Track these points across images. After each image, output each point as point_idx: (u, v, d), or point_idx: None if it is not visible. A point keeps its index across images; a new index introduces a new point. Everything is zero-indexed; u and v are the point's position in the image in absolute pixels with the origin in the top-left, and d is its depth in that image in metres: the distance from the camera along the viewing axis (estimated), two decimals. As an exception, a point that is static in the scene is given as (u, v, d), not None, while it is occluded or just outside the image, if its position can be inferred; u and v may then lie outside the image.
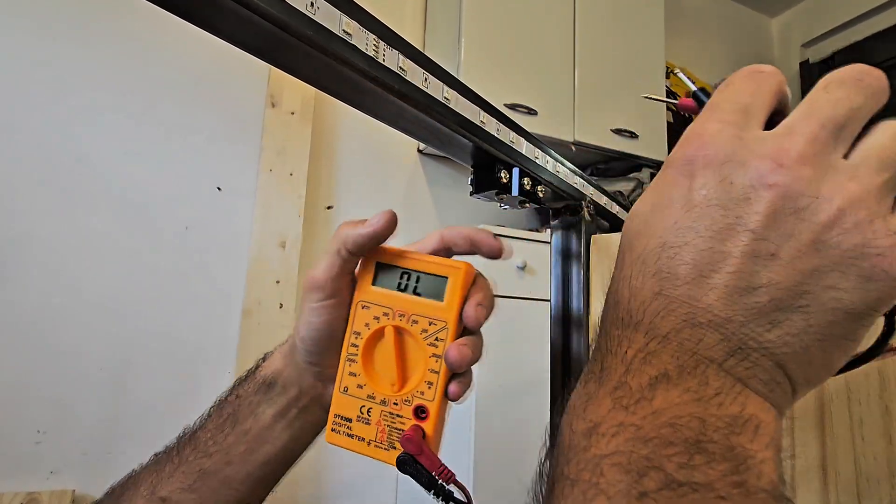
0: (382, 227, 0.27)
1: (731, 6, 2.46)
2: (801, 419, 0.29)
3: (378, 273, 0.29)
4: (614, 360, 0.19)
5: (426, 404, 0.27)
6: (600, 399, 0.18)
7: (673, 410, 0.17)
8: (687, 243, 0.18)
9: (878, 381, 0.26)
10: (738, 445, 0.16)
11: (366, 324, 0.29)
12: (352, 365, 0.29)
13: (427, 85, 0.28)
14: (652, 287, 0.19)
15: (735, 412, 0.17)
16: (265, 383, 0.31)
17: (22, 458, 1.07)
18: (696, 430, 0.16)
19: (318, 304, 0.28)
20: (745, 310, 0.17)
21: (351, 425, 0.28)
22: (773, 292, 0.17)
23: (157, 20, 1.25)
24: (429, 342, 0.28)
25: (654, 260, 0.19)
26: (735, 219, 0.18)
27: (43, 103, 1.16)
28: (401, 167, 1.62)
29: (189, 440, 0.31)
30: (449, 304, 0.28)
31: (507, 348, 1.18)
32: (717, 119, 0.20)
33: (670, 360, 0.18)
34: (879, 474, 0.26)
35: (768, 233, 0.17)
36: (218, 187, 1.32)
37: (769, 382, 0.18)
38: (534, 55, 1.54)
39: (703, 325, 0.18)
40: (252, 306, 1.29)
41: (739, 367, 0.17)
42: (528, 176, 0.36)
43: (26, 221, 1.12)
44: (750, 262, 0.18)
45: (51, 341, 1.11)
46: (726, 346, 0.17)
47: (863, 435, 0.27)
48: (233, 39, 0.23)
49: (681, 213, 0.19)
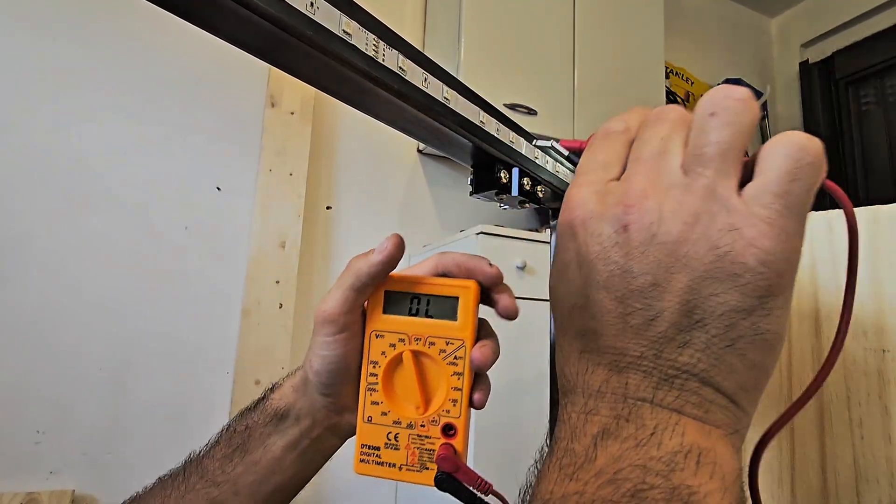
0: (393, 253, 0.28)
1: (731, 6, 2.46)
2: (800, 420, 0.29)
3: (387, 301, 0.30)
4: (562, 428, 0.20)
5: (453, 421, 0.28)
6: (549, 473, 0.19)
7: (614, 466, 0.17)
8: (588, 300, 0.20)
9: (878, 382, 0.26)
10: (680, 484, 0.16)
11: (382, 352, 0.29)
12: (373, 394, 0.29)
13: (427, 85, 0.28)
14: (576, 348, 0.21)
15: (675, 447, 0.17)
16: (276, 415, 0.31)
17: (21, 458, 1.07)
18: (636, 480, 0.16)
19: (332, 337, 0.29)
20: (652, 342, 0.19)
21: (380, 453, 0.29)
22: (667, 317, 0.18)
23: (156, 20, 1.25)
24: (448, 361, 0.29)
25: (570, 324, 0.21)
26: (614, 265, 0.20)
27: (42, 103, 1.16)
28: (400, 167, 1.62)
29: (196, 468, 0.31)
30: (463, 322, 0.29)
31: (507, 348, 1.18)
32: (581, 182, 0.22)
33: (608, 413, 0.19)
34: (879, 474, 0.26)
35: (642, 266, 0.19)
36: (217, 187, 1.32)
37: (702, 403, 0.18)
38: (533, 55, 1.54)
39: (625, 368, 0.19)
40: (251, 306, 1.28)
41: (669, 398, 0.18)
42: (528, 176, 0.36)
43: (26, 221, 1.12)
44: (640, 298, 0.19)
45: (50, 341, 1.11)
46: (650, 381, 0.18)
47: (862, 435, 0.27)
48: (232, 39, 0.23)
49: (575, 273, 0.21)
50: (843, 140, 2.30)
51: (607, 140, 0.23)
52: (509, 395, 1.14)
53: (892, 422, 0.26)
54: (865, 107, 2.27)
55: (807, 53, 2.44)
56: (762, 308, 0.18)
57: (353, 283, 0.28)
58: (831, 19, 2.31)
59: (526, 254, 1.26)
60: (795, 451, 0.29)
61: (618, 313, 0.19)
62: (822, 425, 0.28)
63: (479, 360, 0.28)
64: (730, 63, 2.38)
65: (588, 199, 0.21)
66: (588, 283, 0.20)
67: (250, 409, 0.32)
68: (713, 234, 0.18)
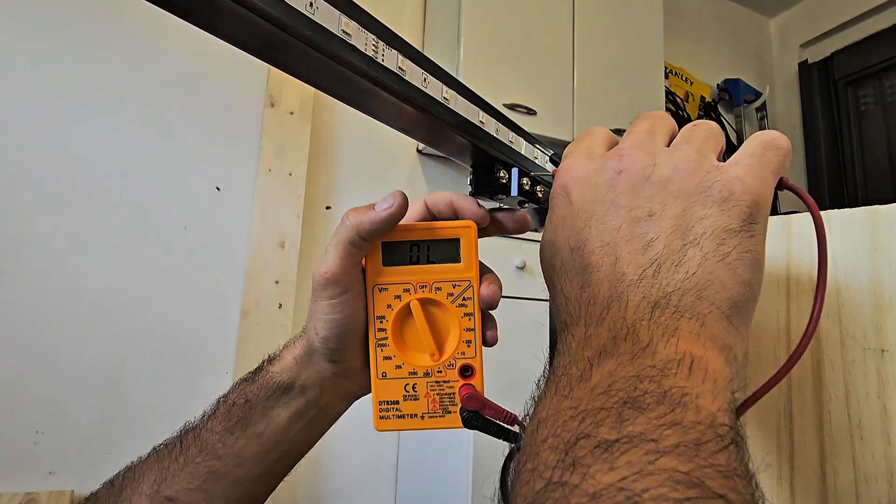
0: (398, 210, 0.27)
1: (730, 6, 2.46)
2: (799, 419, 0.29)
3: (386, 252, 0.29)
4: (560, 358, 0.21)
5: (470, 362, 0.29)
6: (547, 397, 0.19)
7: (608, 379, 0.18)
8: (588, 239, 0.22)
9: (877, 381, 0.27)
10: (672, 387, 0.17)
11: (388, 305, 0.28)
12: (384, 349, 0.29)
13: (426, 85, 0.28)
14: (578, 284, 0.22)
15: (669, 355, 0.18)
16: (279, 388, 0.30)
17: (20, 458, 1.07)
18: (629, 388, 0.17)
19: (336, 299, 0.27)
20: (650, 263, 0.21)
21: (399, 406, 0.29)
22: (664, 240, 0.21)
23: (155, 20, 1.25)
24: (457, 304, 0.29)
25: (570, 265, 0.23)
26: (609, 203, 0.22)
27: (41, 103, 1.16)
28: (400, 167, 1.62)
29: (195, 440, 0.30)
30: (467, 263, 0.29)
31: (507, 348, 1.18)
32: (571, 155, 0.25)
33: (606, 335, 0.20)
34: (878, 474, 0.26)
35: (636, 201, 0.22)
36: (217, 187, 1.32)
37: (698, 317, 0.19)
38: (533, 56, 1.54)
39: (624, 291, 0.20)
40: (251, 307, 1.28)
41: (665, 315, 0.19)
42: (528, 176, 0.36)
43: (24, 221, 1.12)
44: (635, 227, 0.21)
45: (49, 341, 1.11)
46: (648, 301, 0.20)
47: (861, 435, 0.27)
48: (231, 39, 0.23)
49: (573, 221, 0.23)
50: (842, 140, 2.31)
51: (588, 135, 0.26)
52: (509, 395, 1.14)
53: (892, 422, 0.26)
54: (864, 107, 2.27)
55: (806, 53, 2.44)
56: (747, 229, 0.21)
57: (353, 238, 0.27)
58: (830, 19, 2.31)
59: (525, 254, 1.26)
60: (795, 451, 0.29)
61: (615, 243, 0.21)
62: (822, 425, 0.28)
63: (490, 298, 0.28)
64: (729, 63, 2.38)
65: (582, 163, 0.24)
66: (587, 226, 0.22)
67: (248, 382, 0.31)
68: (700, 173, 0.22)
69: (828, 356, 0.28)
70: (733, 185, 0.21)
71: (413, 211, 0.31)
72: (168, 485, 0.28)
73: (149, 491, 0.28)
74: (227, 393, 0.31)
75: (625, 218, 0.22)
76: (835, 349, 0.28)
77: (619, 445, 0.15)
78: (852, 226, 0.28)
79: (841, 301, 0.28)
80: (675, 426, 0.16)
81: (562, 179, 0.25)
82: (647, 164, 0.22)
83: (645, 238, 0.21)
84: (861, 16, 2.21)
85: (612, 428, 0.16)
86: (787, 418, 0.30)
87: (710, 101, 2.22)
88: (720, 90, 2.31)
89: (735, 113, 2.35)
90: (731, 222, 0.20)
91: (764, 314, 0.32)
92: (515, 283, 1.26)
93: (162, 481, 0.28)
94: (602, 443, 0.16)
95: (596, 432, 0.16)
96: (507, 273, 1.24)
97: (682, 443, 0.15)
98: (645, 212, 0.21)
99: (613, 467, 0.15)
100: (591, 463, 0.15)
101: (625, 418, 0.16)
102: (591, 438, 0.16)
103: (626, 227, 0.21)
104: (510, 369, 1.20)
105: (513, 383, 1.30)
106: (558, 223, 0.24)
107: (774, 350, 0.31)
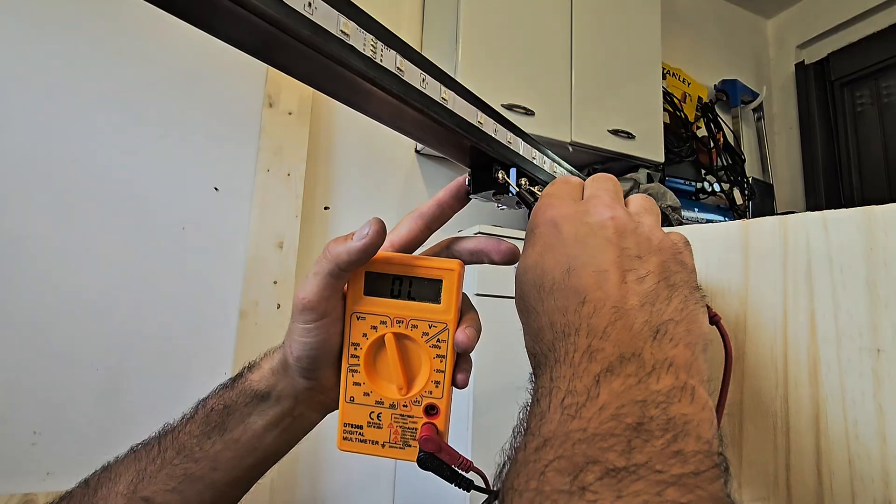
0: (374, 239, 0.27)
1: (728, 7, 2.47)
2: (795, 419, 0.29)
3: (368, 282, 0.29)
4: (562, 368, 0.21)
5: (436, 402, 0.29)
6: (551, 414, 0.20)
7: (616, 401, 0.19)
8: (584, 264, 0.24)
9: (873, 381, 0.27)
10: (676, 414, 0.18)
11: (363, 334, 0.29)
12: (354, 375, 0.29)
13: (425, 85, 0.28)
14: (576, 298, 0.23)
15: (671, 383, 0.19)
16: (257, 396, 0.31)
17: (18, 459, 1.07)
18: (637, 413, 0.18)
19: (312, 324, 0.28)
20: (646, 294, 0.23)
21: (363, 431, 0.29)
22: (654, 278, 0.23)
23: (153, 19, 1.24)
24: (431, 344, 0.29)
25: (564, 284, 0.24)
26: (603, 239, 0.24)
27: (38, 103, 1.16)
28: (398, 167, 1.62)
29: (172, 442, 0.30)
30: (446, 305, 0.29)
31: (505, 348, 1.18)
32: (555, 197, 0.28)
33: (612, 351, 0.21)
34: (874, 473, 0.26)
35: (626, 243, 0.24)
36: (215, 187, 1.32)
37: (689, 346, 0.21)
38: (531, 56, 1.54)
39: (628, 312, 0.22)
40: (249, 307, 1.28)
41: (664, 342, 0.21)
42: (526, 176, 0.36)
43: (21, 221, 1.12)
44: (628, 261, 0.24)
45: (46, 342, 1.11)
46: (650, 326, 0.21)
47: (857, 434, 0.27)
48: (230, 39, 0.23)
49: (565, 248, 0.25)
50: (839, 140, 2.31)
51: (564, 183, 0.29)
52: (507, 395, 1.14)
53: (887, 421, 0.26)
54: (860, 108, 2.28)
55: (802, 54, 2.45)
56: (699, 290, 0.25)
57: (332, 269, 0.27)
58: (827, 21, 2.32)
59: (523, 254, 1.27)
60: (791, 451, 0.29)
61: (612, 271, 0.23)
62: (818, 424, 0.28)
63: (465, 344, 0.29)
64: (726, 64, 2.39)
65: (567, 204, 0.27)
66: (582, 253, 0.24)
67: (227, 388, 0.32)
68: (669, 241, 0.26)
69: (824, 356, 0.29)
70: (689, 260, 0.26)
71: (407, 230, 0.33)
72: (145, 485, 0.29)
73: (125, 491, 0.29)
74: (206, 397, 0.32)
75: (617, 253, 0.24)
76: (831, 349, 0.28)
77: (627, 474, 0.16)
78: (848, 226, 0.28)
79: (837, 301, 0.28)
80: (678, 455, 0.17)
81: (548, 214, 0.26)
82: (631, 219, 0.26)
83: (638, 272, 0.23)
84: (857, 17, 2.22)
85: (620, 455, 0.17)
86: (783, 418, 0.30)
87: (707, 101, 2.22)
88: (717, 91, 2.31)
89: (732, 114, 2.35)
90: (691, 282, 0.24)
91: (760, 314, 0.32)
92: (512, 282, 1.26)
93: (139, 482, 0.29)
94: (611, 470, 0.16)
95: (605, 458, 0.17)
96: (504, 273, 1.24)
97: (684, 473, 0.16)
98: (634, 252, 0.24)
99: (621, 495, 0.16)
100: (599, 490, 0.16)
101: (633, 446, 0.17)
102: (599, 464, 0.17)
103: (620, 261, 0.24)
104: (508, 369, 1.21)
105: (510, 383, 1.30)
106: (544, 249, 0.25)
107: (771, 349, 0.31)
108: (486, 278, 1.18)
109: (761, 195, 2.23)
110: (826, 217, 0.29)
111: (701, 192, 1.98)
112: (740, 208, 2.07)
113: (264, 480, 0.39)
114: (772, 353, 0.31)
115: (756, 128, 2.44)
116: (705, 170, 2.08)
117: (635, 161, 1.73)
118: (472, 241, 0.32)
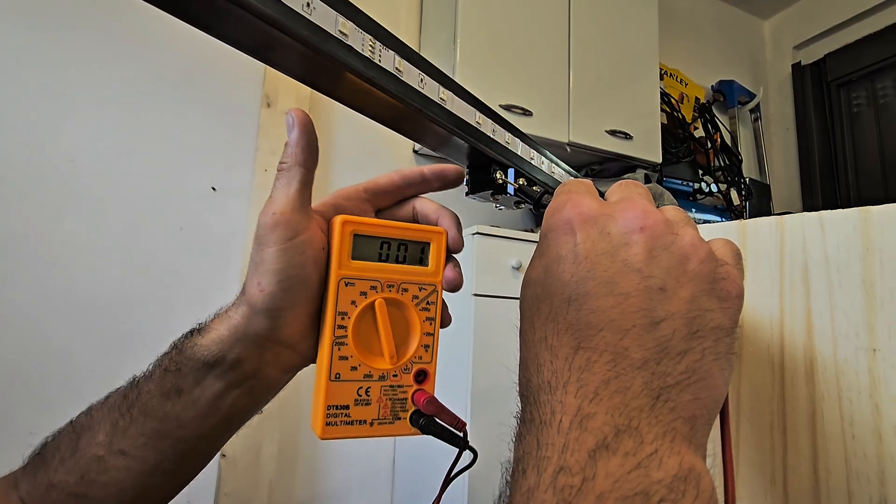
0: (301, 118, 0.27)
1: (724, 8, 2.48)
2: (791, 418, 0.29)
3: (356, 245, 0.28)
4: (550, 434, 0.18)
5: (426, 367, 0.28)
6: (542, 492, 0.17)
7: (616, 492, 0.16)
8: (588, 293, 0.20)
9: (869, 380, 0.27)
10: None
11: (352, 301, 0.27)
12: (341, 349, 0.27)
13: (423, 86, 0.28)
14: (570, 342, 0.20)
15: (674, 468, 0.17)
16: (206, 364, 0.27)
17: (15, 460, 1.06)
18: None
19: (287, 243, 0.25)
20: (655, 346, 0.19)
21: (349, 412, 0.27)
22: (672, 324, 0.19)
23: (151, 19, 1.24)
24: (421, 307, 0.29)
25: (563, 316, 0.20)
26: (622, 263, 0.20)
27: (35, 102, 1.15)
28: (396, 167, 1.60)
29: (136, 400, 0.29)
30: (434, 267, 0.29)
31: (503, 348, 1.18)
32: (572, 190, 0.23)
33: (606, 421, 0.18)
34: (870, 472, 0.26)
35: (651, 269, 0.20)
36: (213, 187, 1.31)
37: (690, 419, 0.19)
38: (529, 57, 1.54)
39: (626, 371, 0.19)
40: (247, 307, 1.28)
41: (664, 412, 0.18)
42: (524, 177, 0.36)
43: (18, 221, 1.11)
44: (646, 299, 0.19)
45: (42, 342, 1.10)
46: (650, 391, 0.18)
47: (854, 433, 0.27)
48: (228, 39, 0.23)
49: (573, 267, 0.21)
50: (835, 141, 2.32)
51: (579, 183, 0.25)
52: (505, 395, 1.14)
53: (883, 420, 0.26)
54: (857, 108, 2.29)
55: (799, 55, 2.46)
56: (734, 332, 0.20)
57: (301, 174, 0.27)
58: (823, 22, 2.33)
59: (521, 254, 1.27)
60: (787, 450, 0.29)
61: (621, 310, 0.19)
62: (814, 424, 0.28)
63: (455, 280, 0.29)
64: (723, 65, 2.40)
65: (592, 204, 0.22)
66: (591, 278, 0.20)
67: (177, 349, 0.29)
68: (713, 263, 0.21)
69: (820, 355, 0.29)
70: (734, 287, 0.21)
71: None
72: (119, 440, 0.28)
73: (103, 441, 0.28)
74: (162, 355, 0.30)
75: (637, 285, 0.20)
76: (827, 348, 0.28)
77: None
78: (845, 226, 0.29)
79: (833, 301, 0.29)
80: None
81: (566, 214, 0.22)
82: (667, 231, 0.21)
83: (653, 314, 0.19)
84: (853, 18, 2.22)
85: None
86: (779, 417, 0.30)
87: (704, 102, 2.23)
88: (714, 91, 2.32)
89: (729, 114, 2.36)
90: (725, 322, 0.20)
91: (757, 314, 0.32)
92: (511, 283, 1.26)
93: (114, 435, 0.28)
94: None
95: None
96: (502, 273, 1.24)
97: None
98: (658, 283, 0.20)
99: None
100: None
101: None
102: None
103: (637, 297, 0.19)
104: (506, 369, 1.21)
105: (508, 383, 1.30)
106: (552, 262, 0.22)
107: (768, 349, 0.31)
108: (486, 278, 1.19)
109: (758, 195, 2.24)
110: (822, 217, 0.30)
111: (698, 193, 1.98)
112: (737, 208, 2.08)
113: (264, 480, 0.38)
114: (768, 352, 0.31)
115: (753, 128, 2.45)
116: (703, 170, 2.09)
117: (633, 161, 1.74)
118: (437, 208, 0.32)
